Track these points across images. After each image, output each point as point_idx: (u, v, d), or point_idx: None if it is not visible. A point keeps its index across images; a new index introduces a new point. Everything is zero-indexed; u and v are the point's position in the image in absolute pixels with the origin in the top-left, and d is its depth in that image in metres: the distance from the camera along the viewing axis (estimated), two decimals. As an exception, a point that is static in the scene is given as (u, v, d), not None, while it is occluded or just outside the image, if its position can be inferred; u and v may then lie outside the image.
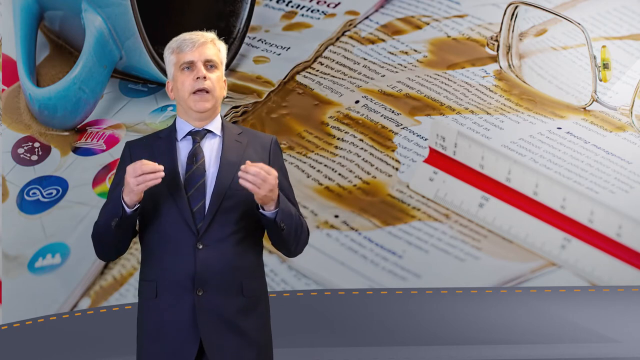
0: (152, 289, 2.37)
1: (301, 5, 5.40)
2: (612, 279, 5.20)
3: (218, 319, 2.34)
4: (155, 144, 2.46)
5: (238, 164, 2.35)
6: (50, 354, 4.35)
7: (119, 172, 2.46)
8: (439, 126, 5.28)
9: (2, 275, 4.54)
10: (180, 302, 2.33)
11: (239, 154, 2.42)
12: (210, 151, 2.43)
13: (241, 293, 2.36)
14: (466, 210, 5.23)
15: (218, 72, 2.45)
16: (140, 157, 2.38)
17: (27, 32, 4.69)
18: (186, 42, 2.43)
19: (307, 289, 5.13)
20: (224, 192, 2.37)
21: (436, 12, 5.42)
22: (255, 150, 2.46)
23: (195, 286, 2.32)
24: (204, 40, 2.44)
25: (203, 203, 2.36)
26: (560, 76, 5.34)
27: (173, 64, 2.45)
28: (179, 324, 2.34)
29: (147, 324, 2.39)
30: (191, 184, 2.37)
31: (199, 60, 2.41)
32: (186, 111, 2.44)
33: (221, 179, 2.38)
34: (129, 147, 2.49)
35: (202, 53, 2.42)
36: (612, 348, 4.44)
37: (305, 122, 5.30)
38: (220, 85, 2.45)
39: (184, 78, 2.42)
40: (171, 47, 2.46)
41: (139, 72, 4.89)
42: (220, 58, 2.47)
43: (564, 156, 5.27)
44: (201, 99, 2.41)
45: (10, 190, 4.61)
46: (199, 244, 2.33)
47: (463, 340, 4.54)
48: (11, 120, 4.67)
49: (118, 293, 4.86)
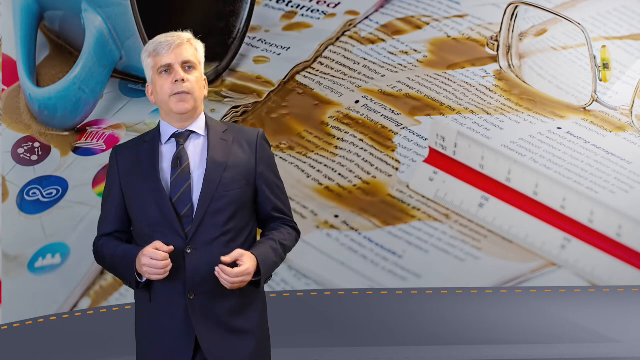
0: (146, 294, 2.37)
1: (301, 5, 5.40)
2: (612, 279, 5.20)
3: (211, 320, 2.34)
4: (140, 147, 2.43)
5: (225, 164, 2.35)
6: (50, 354, 4.34)
7: (109, 178, 2.46)
8: (439, 126, 5.28)
9: (2, 275, 4.53)
10: (174, 306, 2.34)
11: (226, 153, 2.39)
12: (195, 153, 2.40)
13: (232, 294, 2.34)
14: (466, 210, 5.23)
15: (197, 72, 2.41)
16: (126, 162, 2.40)
17: (27, 32, 4.69)
18: (162, 44, 2.38)
19: (307, 289, 5.13)
20: (212, 194, 2.34)
21: (436, 12, 5.42)
22: (242, 147, 2.42)
23: (187, 290, 2.32)
24: (180, 41, 2.39)
25: (190, 206, 2.34)
26: (560, 76, 5.34)
27: (151, 67, 2.41)
28: (174, 327, 2.34)
29: (143, 328, 2.41)
30: (176, 188, 2.35)
31: (176, 62, 2.37)
32: (167, 113, 2.41)
33: (208, 180, 2.35)
34: (116, 152, 2.47)
35: (179, 55, 2.37)
36: (612, 348, 4.44)
37: (305, 122, 5.30)
38: (199, 86, 2.41)
39: (162, 81, 2.38)
40: (148, 51, 2.41)
41: (139, 72, 4.88)
42: (198, 58, 2.42)
43: (564, 156, 5.27)
44: (181, 100, 2.37)
45: (10, 190, 4.61)
46: (187, 248, 2.32)
47: (463, 340, 4.53)
48: (11, 120, 4.67)
49: (118, 293, 4.86)
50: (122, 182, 2.42)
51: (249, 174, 2.41)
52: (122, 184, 2.41)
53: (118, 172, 2.43)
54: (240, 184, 2.38)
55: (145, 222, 2.37)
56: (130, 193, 2.39)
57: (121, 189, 2.42)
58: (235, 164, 2.39)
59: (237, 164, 2.39)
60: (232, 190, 2.34)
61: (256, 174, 2.41)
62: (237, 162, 2.39)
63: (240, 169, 2.39)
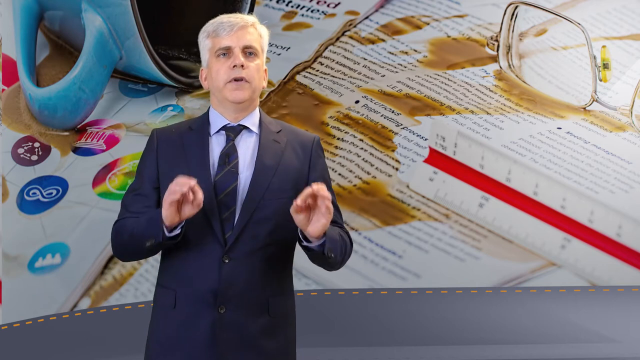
0: (171, 298, 2.15)
1: (301, 5, 5.40)
2: (612, 279, 5.20)
3: (239, 338, 2.11)
4: (185, 136, 2.20)
5: (274, 169, 2.15)
6: (50, 354, 4.34)
7: (144, 162, 2.24)
8: (439, 126, 5.28)
9: (2, 275, 4.53)
10: (200, 318, 2.11)
11: (277, 157, 2.18)
12: (245, 151, 2.18)
13: (267, 312, 2.14)
14: (466, 210, 5.23)
15: (258, 60, 2.19)
16: (169, 149, 2.19)
17: (27, 32, 4.68)
18: (223, 25, 2.18)
19: (307, 289, 5.13)
20: (258, 200, 2.13)
21: (436, 12, 5.42)
22: (295, 152, 2.22)
23: (218, 302, 2.10)
24: (244, 23, 2.20)
25: (233, 210, 2.12)
26: (560, 76, 5.34)
27: (208, 49, 2.20)
28: (196, 341, 2.11)
29: (161, 334, 2.19)
30: (222, 187, 2.13)
31: (236, 46, 2.16)
32: (221, 102, 2.19)
33: (255, 185, 2.14)
34: (157, 135, 2.23)
35: (241, 38, 2.17)
36: (612, 348, 4.44)
37: (305, 122, 5.29)
38: (260, 75, 2.20)
39: (219, 65, 2.16)
40: (207, 31, 2.21)
41: (139, 72, 4.89)
42: (261, 45, 2.22)
43: (564, 156, 5.27)
44: (238, 88, 2.15)
45: (10, 190, 4.61)
46: (225, 257, 2.11)
47: (463, 340, 4.53)
48: (11, 120, 4.67)
49: (118, 293, 4.86)
50: (161, 170, 2.19)
51: (300, 182, 2.19)
52: (160, 172, 2.18)
53: (156, 159, 2.20)
54: (289, 192, 2.15)
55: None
56: (169, 183, 2.07)
57: (158, 177, 2.19)
58: (286, 169, 2.19)
59: (288, 170, 2.19)
60: (280, 198, 2.14)
61: (308, 183, 2.16)
62: (287, 168, 2.19)
63: (290, 176, 2.19)
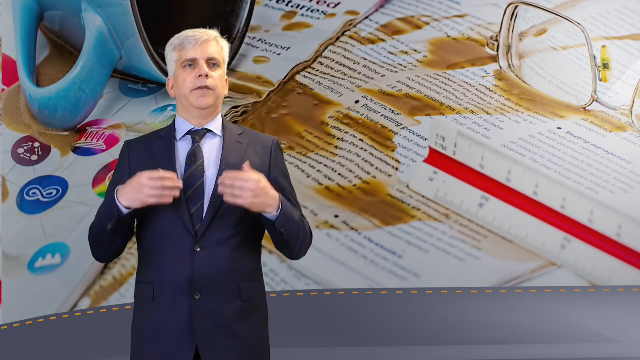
0: (149, 291, 2.34)
1: (301, 5, 5.40)
2: (612, 279, 5.20)
3: (215, 323, 2.30)
4: (154, 143, 2.42)
5: (238, 166, 2.32)
6: (50, 354, 4.34)
7: (118, 171, 2.44)
8: (439, 126, 5.28)
9: (2, 275, 4.53)
10: (177, 306, 2.30)
11: (240, 155, 2.39)
12: (210, 152, 2.39)
13: (239, 297, 2.33)
14: (466, 210, 5.23)
15: (220, 70, 2.42)
16: (139, 156, 2.38)
17: (27, 32, 4.69)
18: (189, 39, 2.40)
19: (307, 289, 5.13)
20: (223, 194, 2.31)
21: (436, 12, 5.42)
22: (256, 151, 2.42)
23: (193, 289, 2.29)
24: (207, 37, 2.41)
25: (201, 205, 2.33)
26: (560, 76, 5.34)
27: (175, 61, 2.42)
28: (176, 328, 2.30)
29: (143, 327, 2.37)
30: (189, 184, 2.33)
31: (201, 58, 2.38)
32: (186, 109, 2.41)
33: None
34: (128, 146, 2.46)
35: (205, 51, 2.39)
36: (612, 348, 4.44)
37: (305, 122, 5.29)
38: (222, 84, 2.43)
39: (185, 75, 2.38)
40: (173, 44, 2.43)
41: (139, 72, 4.89)
42: (222, 56, 2.44)
43: (564, 156, 5.27)
44: (203, 95, 2.37)
45: (10, 190, 4.61)
46: (196, 247, 2.30)
47: (463, 340, 4.54)
48: (11, 120, 4.67)
49: (118, 293, 4.86)
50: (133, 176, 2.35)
51: None
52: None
53: (129, 166, 2.40)
54: None
55: (154, 218, 2.35)
56: None
57: None
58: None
59: (250, 167, 2.36)
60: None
61: (269, 180, 2.36)
62: (250, 165, 2.35)
63: None
